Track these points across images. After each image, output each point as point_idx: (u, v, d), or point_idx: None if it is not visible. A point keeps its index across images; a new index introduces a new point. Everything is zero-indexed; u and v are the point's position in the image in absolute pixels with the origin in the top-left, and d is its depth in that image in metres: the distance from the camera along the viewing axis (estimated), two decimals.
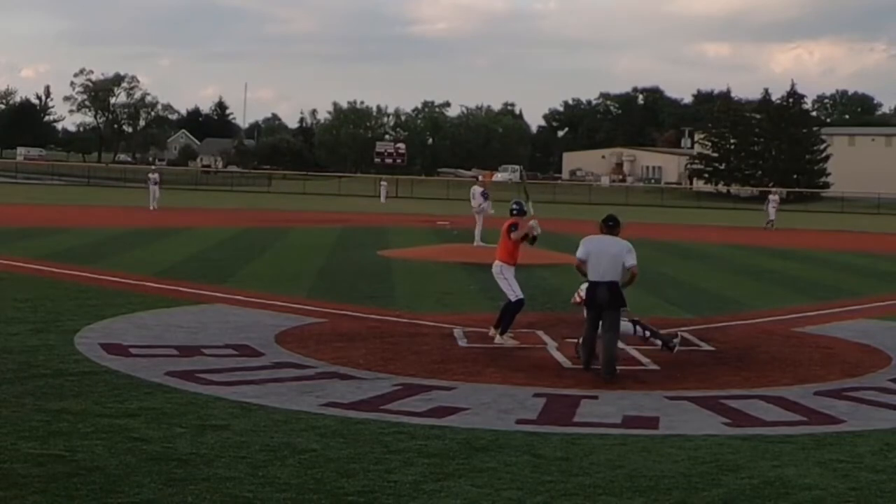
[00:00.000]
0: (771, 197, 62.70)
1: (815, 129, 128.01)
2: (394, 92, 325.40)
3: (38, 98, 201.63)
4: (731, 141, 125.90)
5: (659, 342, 15.83)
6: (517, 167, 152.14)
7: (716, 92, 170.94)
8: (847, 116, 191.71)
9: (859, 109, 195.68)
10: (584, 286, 14.76)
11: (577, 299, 15.72)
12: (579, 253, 14.38)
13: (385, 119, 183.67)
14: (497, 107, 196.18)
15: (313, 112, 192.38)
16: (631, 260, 14.05)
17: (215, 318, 18.22)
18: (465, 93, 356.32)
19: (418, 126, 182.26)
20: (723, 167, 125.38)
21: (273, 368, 13.84)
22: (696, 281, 27.77)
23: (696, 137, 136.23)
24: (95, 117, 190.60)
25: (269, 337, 16.28)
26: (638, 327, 15.92)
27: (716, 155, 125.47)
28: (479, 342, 16.40)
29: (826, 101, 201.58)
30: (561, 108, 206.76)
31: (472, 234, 33.95)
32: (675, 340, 15.92)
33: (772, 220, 59.66)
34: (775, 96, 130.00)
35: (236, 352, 15.02)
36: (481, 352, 15.61)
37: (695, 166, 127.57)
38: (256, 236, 39.80)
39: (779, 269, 32.09)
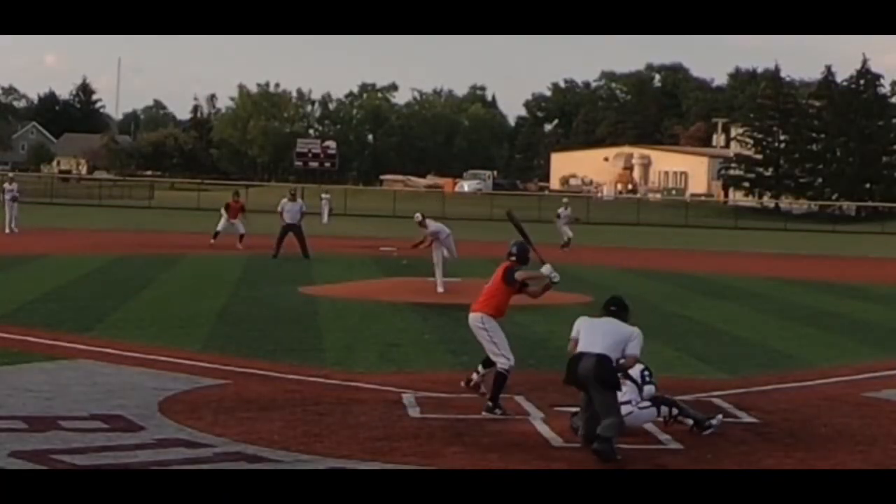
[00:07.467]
0: None
1: (895, 121, 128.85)
2: (321, 71, 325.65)
3: None
4: (781, 137, 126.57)
5: (690, 421, 15.64)
6: (486, 172, 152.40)
7: (760, 70, 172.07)
8: None
9: None
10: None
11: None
12: (573, 331, 14.76)
13: (309, 108, 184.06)
14: (462, 91, 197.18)
15: (211, 98, 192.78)
16: (634, 348, 14.40)
17: (77, 378, 18.16)
18: (418, 72, 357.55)
19: (354, 118, 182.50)
20: (769, 173, 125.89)
21: (156, 448, 13.85)
22: (734, 328, 27.86)
23: (734, 133, 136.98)
24: None
25: (150, 404, 16.26)
26: (663, 407, 15.66)
27: (760, 157, 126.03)
28: (438, 412, 16.45)
29: None
30: (548, 93, 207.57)
31: (432, 267, 32.89)
32: (714, 421, 15.73)
33: None
34: (841, 76, 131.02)
35: (106, 425, 15.01)
36: (440, 425, 15.66)
37: (731, 172, 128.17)
38: (134, 267, 39.65)
39: (847, 313, 32.17)
